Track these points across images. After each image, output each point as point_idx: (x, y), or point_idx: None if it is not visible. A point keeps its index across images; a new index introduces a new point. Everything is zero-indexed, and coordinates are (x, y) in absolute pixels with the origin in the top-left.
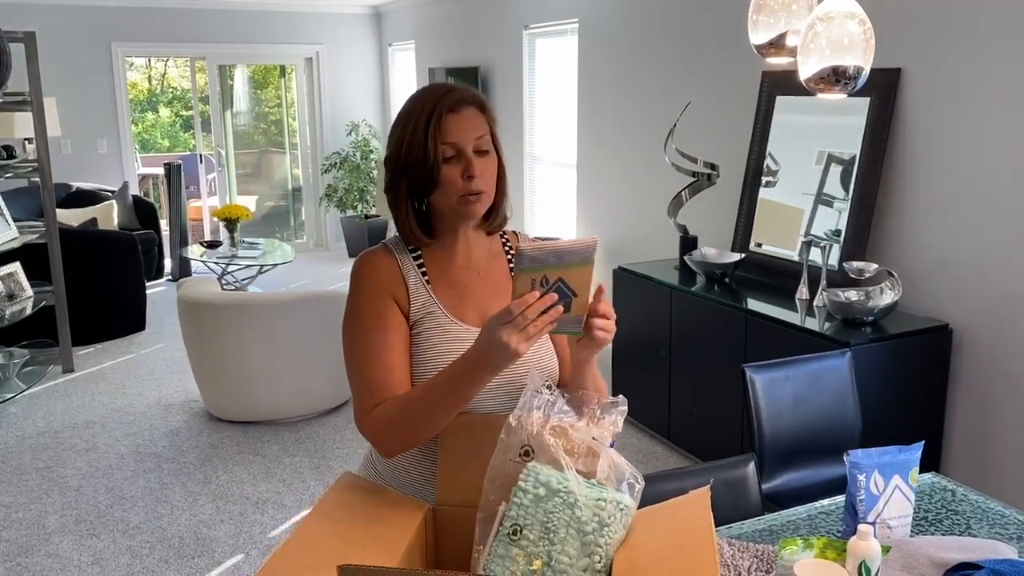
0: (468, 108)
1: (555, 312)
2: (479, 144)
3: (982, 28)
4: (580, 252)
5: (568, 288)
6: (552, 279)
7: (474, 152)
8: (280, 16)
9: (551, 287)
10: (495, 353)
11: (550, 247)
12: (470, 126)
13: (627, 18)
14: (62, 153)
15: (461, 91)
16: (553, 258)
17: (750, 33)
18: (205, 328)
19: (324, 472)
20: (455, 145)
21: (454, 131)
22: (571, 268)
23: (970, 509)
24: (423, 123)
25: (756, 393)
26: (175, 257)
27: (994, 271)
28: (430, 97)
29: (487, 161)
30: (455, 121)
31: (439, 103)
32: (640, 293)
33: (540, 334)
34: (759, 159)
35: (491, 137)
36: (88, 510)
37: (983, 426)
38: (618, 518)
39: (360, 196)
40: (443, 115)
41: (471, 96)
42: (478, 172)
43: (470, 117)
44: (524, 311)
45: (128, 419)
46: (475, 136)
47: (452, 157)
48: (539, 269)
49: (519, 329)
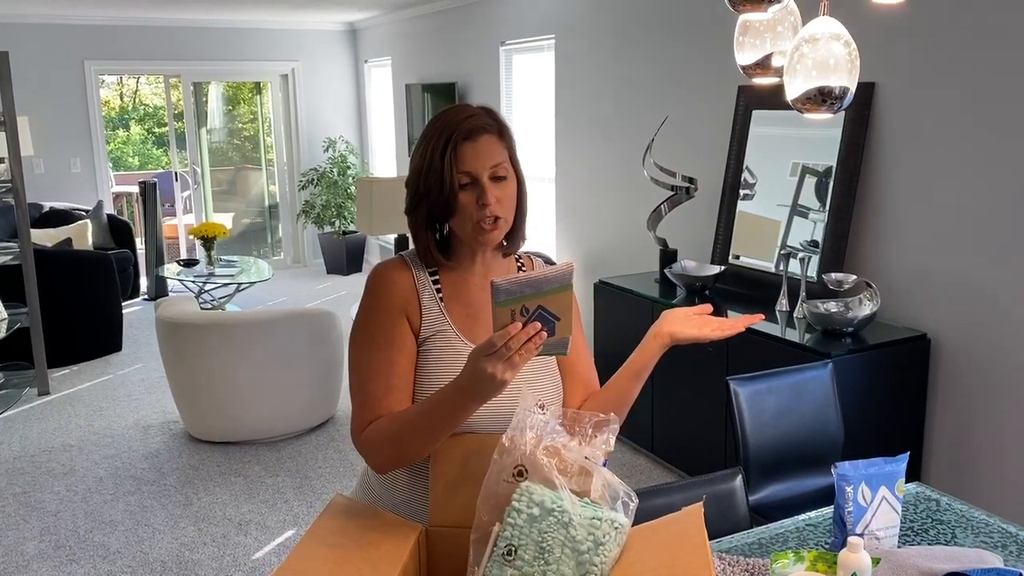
0: (485, 135)
1: (539, 338)
2: (495, 171)
3: (954, 43)
4: (557, 279)
5: (550, 313)
6: (532, 308)
7: (491, 179)
8: (255, 33)
9: (532, 315)
10: (481, 384)
11: (525, 278)
12: (487, 154)
13: (603, 34)
14: (35, 173)
15: (479, 117)
16: (529, 288)
17: (736, 54)
18: (184, 348)
19: (307, 492)
20: (470, 173)
21: (470, 160)
22: (549, 295)
23: (955, 518)
24: (440, 150)
25: (740, 405)
26: (151, 276)
27: (969, 281)
28: (448, 122)
29: (504, 187)
30: (471, 149)
31: (456, 130)
32: (621, 306)
33: (525, 361)
34: (736, 172)
35: (510, 161)
36: (67, 535)
37: (962, 434)
38: (613, 536)
39: (338, 212)
40: (459, 143)
41: (489, 123)
42: (492, 200)
43: (487, 144)
44: (507, 342)
45: (106, 441)
46: (491, 164)
47: (468, 184)
48: (516, 300)
49: (503, 360)
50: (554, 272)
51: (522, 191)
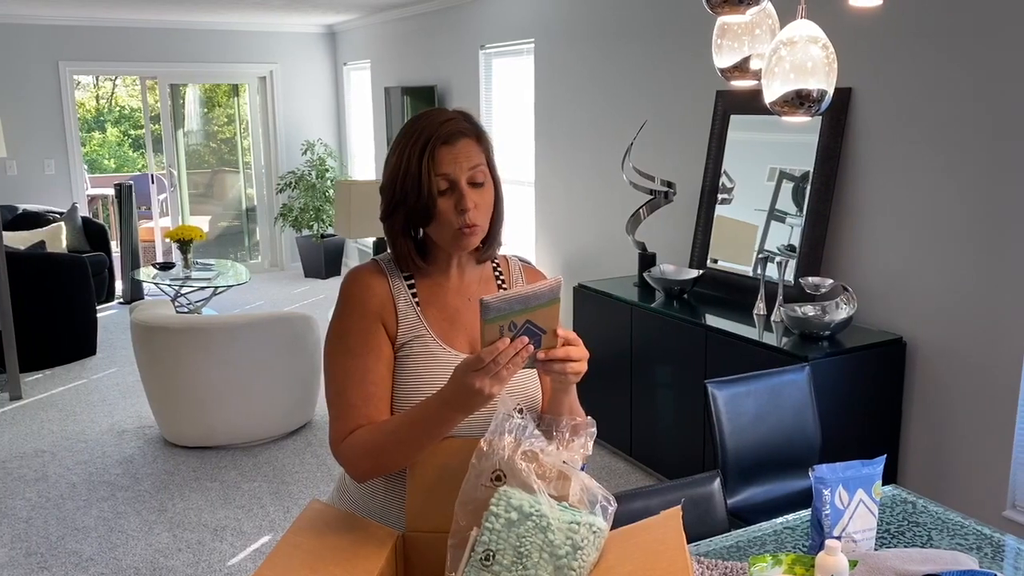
0: (463, 139)
1: (526, 352)
2: (473, 176)
3: (929, 48)
4: (545, 295)
5: (536, 327)
6: (520, 323)
7: (468, 184)
8: (233, 35)
9: (520, 330)
10: (468, 397)
11: (514, 295)
12: (464, 157)
13: (582, 38)
14: (8, 174)
15: (456, 122)
16: (518, 304)
17: (715, 57)
18: (160, 352)
19: (284, 497)
20: (448, 177)
21: (448, 163)
22: (538, 309)
23: (931, 521)
24: (417, 154)
25: (718, 409)
26: (127, 279)
27: (945, 285)
28: (425, 127)
29: (481, 193)
30: (449, 153)
31: (434, 134)
32: (600, 310)
33: (511, 375)
34: (715, 176)
35: (488, 165)
36: (39, 542)
37: (938, 437)
38: (591, 541)
39: (316, 216)
40: (437, 147)
41: (467, 127)
42: (471, 205)
43: (465, 148)
44: (495, 358)
45: (80, 447)
46: (468, 167)
47: (446, 189)
48: (505, 317)
49: (490, 375)
50: (543, 287)
51: (499, 197)
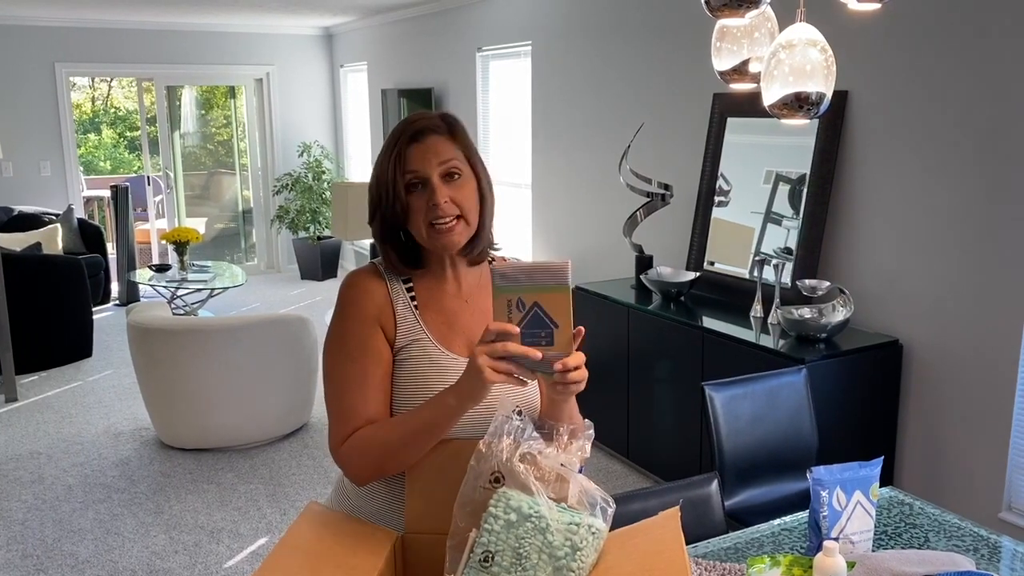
0: (432, 136)
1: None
2: (445, 169)
3: (926, 52)
4: (552, 273)
5: (546, 316)
6: (528, 302)
7: (441, 178)
8: (230, 37)
9: (529, 311)
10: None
11: (520, 266)
12: (433, 153)
13: (579, 41)
14: (3, 176)
15: (426, 119)
16: (524, 277)
17: (714, 59)
18: (156, 354)
19: (280, 499)
20: (417, 173)
21: (415, 160)
22: (545, 292)
23: (928, 522)
24: (388, 156)
25: (716, 411)
26: (123, 281)
27: (941, 287)
28: (399, 129)
29: (459, 187)
30: (417, 150)
31: (402, 134)
32: (597, 312)
33: (511, 364)
34: (711, 179)
35: (467, 161)
36: (35, 544)
37: (934, 439)
38: (590, 542)
39: (313, 217)
40: (404, 146)
41: (436, 124)
42: (442, 198)
43: (434, 143)
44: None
45: (76, 449)
46: (438, 162)
47: (416, 186)
48: (513, 290)
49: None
50: (550, 264)
51: (484, 191)
